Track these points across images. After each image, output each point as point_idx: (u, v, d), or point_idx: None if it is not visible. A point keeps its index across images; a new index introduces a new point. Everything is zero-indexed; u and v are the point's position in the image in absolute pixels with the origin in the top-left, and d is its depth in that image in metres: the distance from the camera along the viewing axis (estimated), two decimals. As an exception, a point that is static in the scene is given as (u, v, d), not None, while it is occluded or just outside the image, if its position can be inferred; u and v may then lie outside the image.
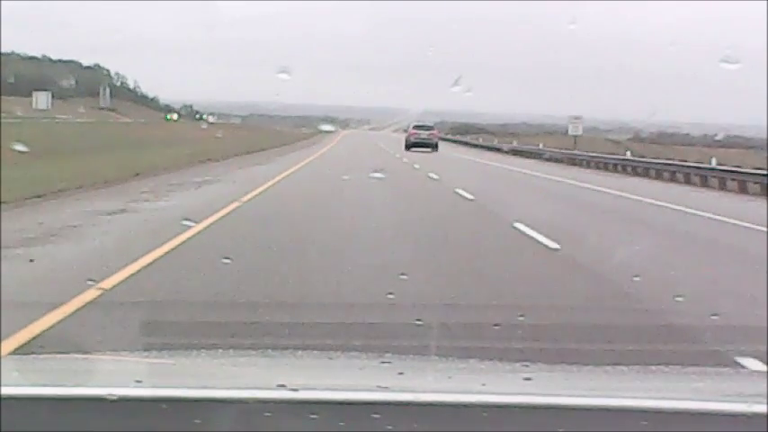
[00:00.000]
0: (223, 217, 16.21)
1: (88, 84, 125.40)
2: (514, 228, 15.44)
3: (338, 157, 48.24)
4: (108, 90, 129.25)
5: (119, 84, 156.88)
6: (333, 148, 62.67)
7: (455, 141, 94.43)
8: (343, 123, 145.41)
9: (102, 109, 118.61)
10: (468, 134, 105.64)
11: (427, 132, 63.39)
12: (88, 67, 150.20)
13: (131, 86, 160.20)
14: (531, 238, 14.20)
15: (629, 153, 47.77)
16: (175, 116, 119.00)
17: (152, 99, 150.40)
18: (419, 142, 61.36)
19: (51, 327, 7.39)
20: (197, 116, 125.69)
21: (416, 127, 64.67)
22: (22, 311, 7.76)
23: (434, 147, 61.53)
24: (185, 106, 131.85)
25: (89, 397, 2.22)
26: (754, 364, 6.46)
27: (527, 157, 58.05)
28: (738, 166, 34.54)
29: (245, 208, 18.28)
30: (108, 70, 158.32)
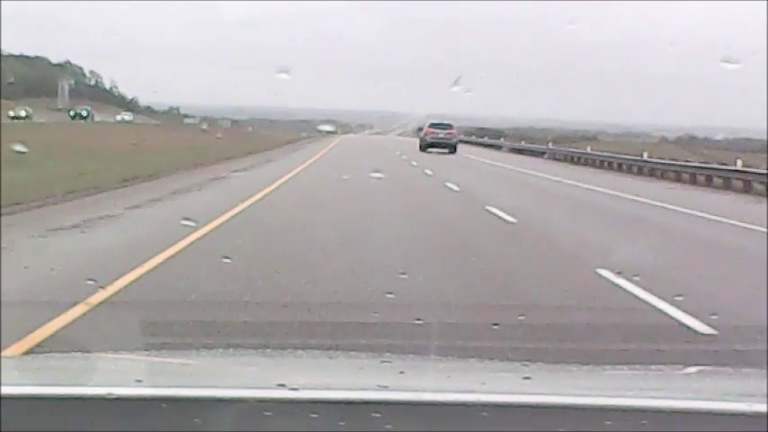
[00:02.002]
0: None
1: (54, 82, 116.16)
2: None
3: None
4: (67, 88, 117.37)
5: (92, 83, 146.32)
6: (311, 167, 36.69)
7: (490, 146, 75.21)
8: (345, 127, 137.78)
9: (60, 110, 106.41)
10: (486, 137, 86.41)
11: (445, 131, 58.69)
12: (57, 65, 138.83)
13: (107, 86, 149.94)
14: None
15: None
16: (22, 113, 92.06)
17: (131, 100, 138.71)
18: (436, 142, 57.40)
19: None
20: (79, 114, 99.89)
21: (433, 125, 59.59)
22: None
23: (453, 148, 57.22)
24: (172, 108, 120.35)
25: (89, 397, 2.22)
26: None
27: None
28: None
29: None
30: (81, 68, 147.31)
